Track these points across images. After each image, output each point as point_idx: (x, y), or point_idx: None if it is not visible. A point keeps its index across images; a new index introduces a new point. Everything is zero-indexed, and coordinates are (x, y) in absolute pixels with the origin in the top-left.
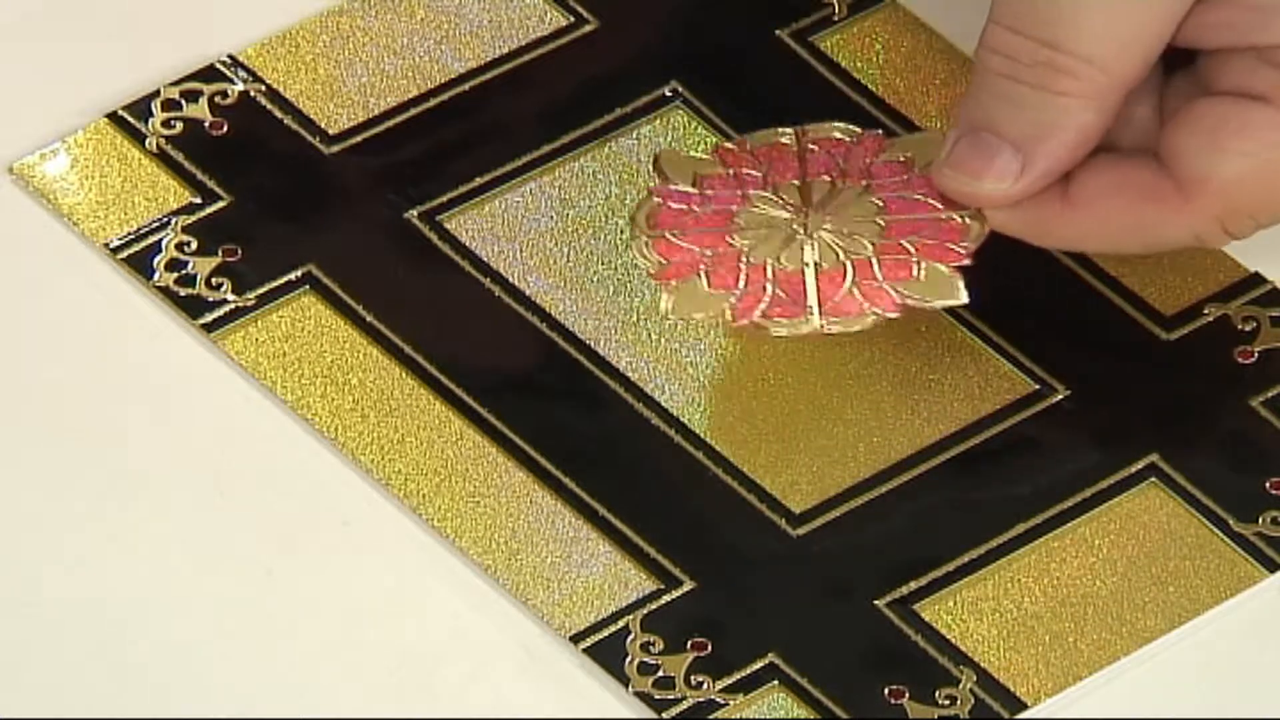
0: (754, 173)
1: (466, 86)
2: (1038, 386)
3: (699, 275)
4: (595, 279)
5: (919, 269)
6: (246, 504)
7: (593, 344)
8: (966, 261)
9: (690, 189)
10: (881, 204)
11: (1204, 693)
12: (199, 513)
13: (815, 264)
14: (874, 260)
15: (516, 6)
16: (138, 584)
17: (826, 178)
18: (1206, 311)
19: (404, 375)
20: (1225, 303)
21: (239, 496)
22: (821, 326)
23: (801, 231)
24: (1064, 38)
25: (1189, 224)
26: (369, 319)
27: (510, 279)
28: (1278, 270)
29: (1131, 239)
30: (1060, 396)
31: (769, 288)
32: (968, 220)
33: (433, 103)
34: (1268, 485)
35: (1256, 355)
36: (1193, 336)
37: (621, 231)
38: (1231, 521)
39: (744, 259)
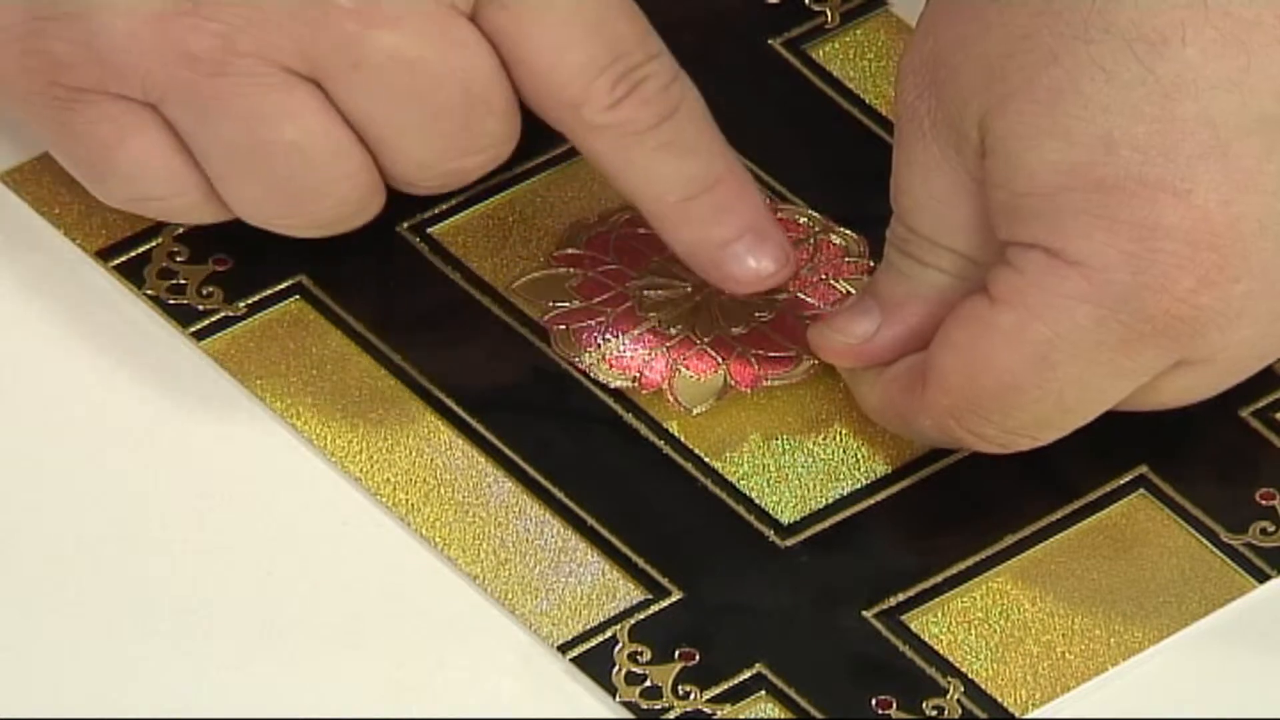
0: None
1: None
2: None
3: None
4: None
5: (797, 363)
6: (243, 509)
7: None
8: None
9: (614, 234)
10: (790, 291)
11: (1193, 704)
12: (195, 516)
13: (697, 335)
14: (751, 352)
15: None
16: (135, 587)
17: None
18: None
19: (393, 385)
20: None
21: (235, 502)
22: (670, 399)
23: (698, 299)
24: (914, 222)
25: (930, 418)
26: (359, 329)
27: (499, 290)
28: None
29: (901, 427)
30: None
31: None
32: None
33: None
34: (1257, 496)
35: None
36: None
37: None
38: (1221, 532)
39: (638, 312)
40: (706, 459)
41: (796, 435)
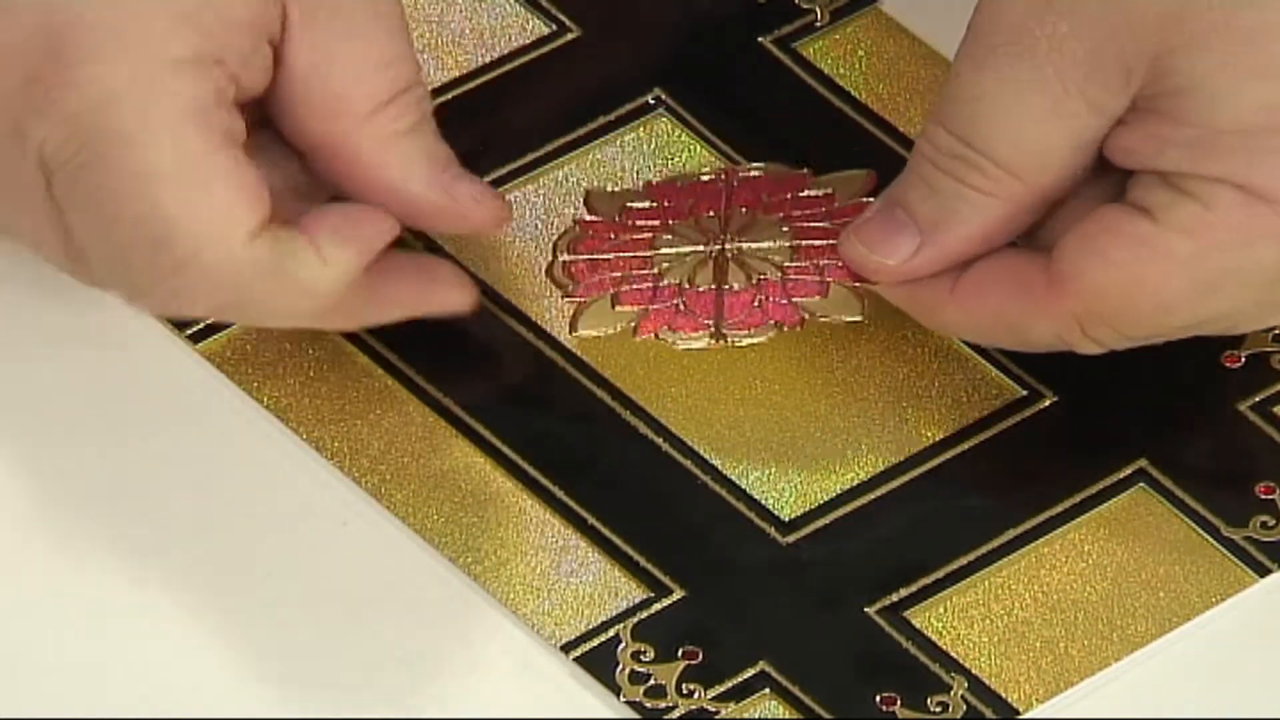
0: (679, 205)
1: (449, 96)
2: (1025, 392)
3: (609, 295)
4: None
5: (825, 289)
6: (243, 510)
7: (580, 353)
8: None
9: (615, 218)
10: (796, 232)
11: (1195, 697)
12: (194, 518)
13: (726, 285)
14: (782, 281)
15: (499, 16)
16: (134, 588)
17: (746, 209)
18: None
19: (391, 385)
20: None
21: (235, 503)
22: (724, 340)
23: (716, 255)
24: (978, 138)
25: (1050, 321)
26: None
27: (496, 288)
28: None
29: (1002, 333)
30: (1048, 402)
31: (678, 305)
32: None
33: None
34: (1257, 489)
35: (1244, 359)
36: (1180, 341)
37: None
38: (1221, 526)
39: (656, 282)
40: (706, 456)
41: (796, 431)
